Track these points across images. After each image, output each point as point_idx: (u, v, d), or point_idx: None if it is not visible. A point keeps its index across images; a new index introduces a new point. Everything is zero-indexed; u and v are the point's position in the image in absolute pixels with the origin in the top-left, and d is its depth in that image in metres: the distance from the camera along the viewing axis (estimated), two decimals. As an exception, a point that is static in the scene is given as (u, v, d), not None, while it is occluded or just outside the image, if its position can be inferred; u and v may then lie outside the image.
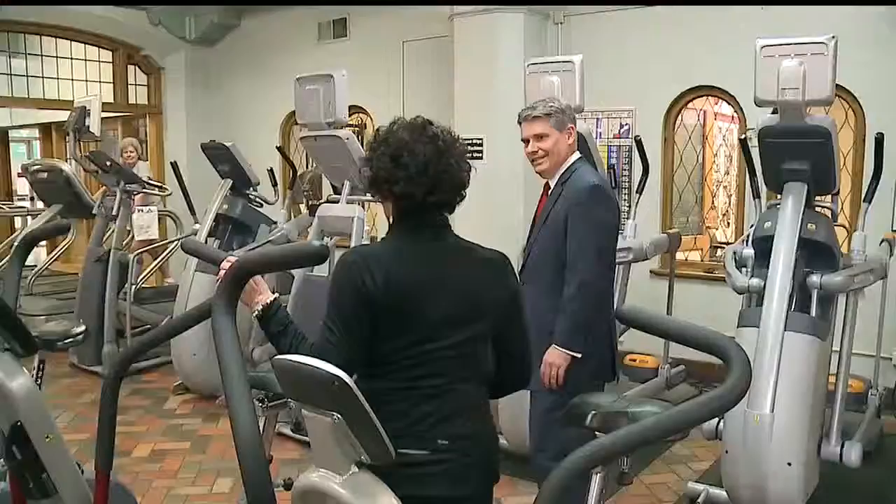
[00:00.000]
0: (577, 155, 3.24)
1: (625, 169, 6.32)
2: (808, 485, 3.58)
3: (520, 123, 3.21)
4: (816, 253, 3.81)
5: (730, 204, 6.87)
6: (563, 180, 3.18)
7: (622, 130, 6.33)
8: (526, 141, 3.18)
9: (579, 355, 2.99)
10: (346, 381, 1.30)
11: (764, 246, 3.81)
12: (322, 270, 5.03)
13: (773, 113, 3.83)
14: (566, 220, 3.05)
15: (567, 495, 1.49)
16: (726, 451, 3.68)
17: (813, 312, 3.69)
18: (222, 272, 1.96)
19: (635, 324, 1.74)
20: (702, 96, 6.23)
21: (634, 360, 5.74)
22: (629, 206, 5.98)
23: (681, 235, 5.56)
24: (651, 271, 6.11)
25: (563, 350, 3.01)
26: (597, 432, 2.29)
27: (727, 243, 6.45)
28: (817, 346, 3.60)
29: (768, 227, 3.81)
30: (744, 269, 3.96)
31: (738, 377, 1.48)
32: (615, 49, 6.18)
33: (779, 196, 3.93)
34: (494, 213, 6.02)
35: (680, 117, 6.29)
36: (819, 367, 3.62)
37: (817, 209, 3.93)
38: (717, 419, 3.75)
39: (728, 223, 7.20)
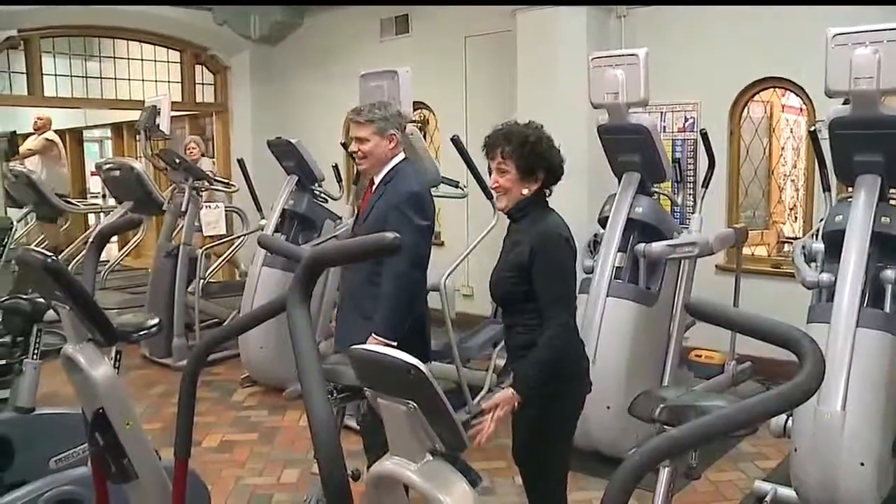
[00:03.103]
0: (400, 157, 3.52)
1: (690, 163, 6.24)
2: (881, 486, 3.50)
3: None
4: (890, 247, 3.71)
5: (797, 198, 6.73)
6: (386, 180, 3.47)
7: (687, 124, 6.25)
8: (352, 140, 3.48)
9: (395, 343, 3.16)
10: (422, 369, 1.33)
11: (835, 240, 3.73)
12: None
13: (844, 103, 3.75)
14: (384, 218, 3.34)
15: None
16: (795, 450, 3.62)
17: (887, 308, 3.59)
18: None
19: (704, 316, 1.72)
20: (769, 88, 6.11)
21: (700, 356, 5.66)
22: (694, 201, 5.92)
23: (747, 230, 5.46)
24: (717, 266, 6.02)
25: (381, 338, 3.25)
26: (665, 426, 2.30)
27: (795, 238, 6.32)
28: (891, 342, 3.51)
29: (839, 221, 3.73)
30: (813, 264, 3.88)
31: (810, 371, 1.46)
32: (679, 42, 6.10)
33: (850, 189, 3.84)
34: (556, 207, 5.97)
35: (746, 110, 6.18)
36: (893, 364, 3.53)
37: (892, 202, 3.82)
38: (785, 416, 3.69)
39: (796, 218, 7.05)
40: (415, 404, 1.38)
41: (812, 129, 4.40)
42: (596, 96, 4.51)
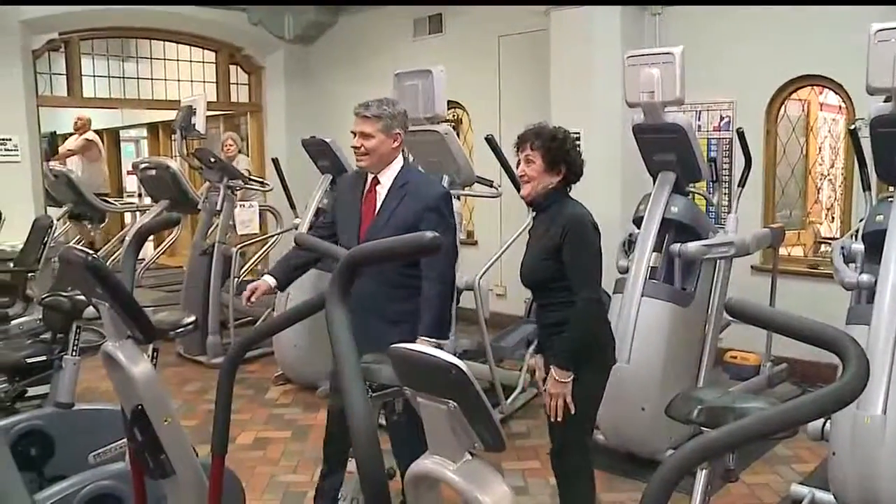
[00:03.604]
0: (401, 159, 3.47)
1: (725, 162, 6.17)
2: (924, 491, 3.44)
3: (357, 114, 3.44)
4: (934, 247, 3.64)
5: (835, 198, 6.63)
6: (401, 182, 3.39)
7: (722, 123, 6.19)
8: (353, 134, 3.39)
9: (447, 342, 3.39)
10: (463, 368, 1.33)
11: (875, 240, 3.68)
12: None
13: (885, 101, 3.69)
14: (416, 219, 3.26)
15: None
16: (833, 454, 3.56)
17: (929, 310, 3.53)
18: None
19: (743, 316, 1.70)
20: (806, 86, 6.02)
21: (735, 358, 5.60)
22: (730, 200, 5.86)
23: (784, 230, 5.39)
24: (752, 267, 5.96)
25: (433, 340, 3.25)
26: (702, 428, 2.28)
27: (832, 238, 6.23)
28: (934, 345, 3.44)
29: (880, 221, 3.67)
30: (853, 265, 3.83)
31: (854, 374, 1.44)
32: (714, 39, 6.03)
33: (891, 188, 3.78)
34: (590, 206, 5.92)
35: (783, 108, 6.10)
36: (936, 368, 3.46)
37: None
38: (822, 420, 3.64)
39: (833, 218, 6.95)
40: (455, 404, 1.38)
41: (852, 127, 4.34)
42: (631, 95, 4.47)
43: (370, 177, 3.46)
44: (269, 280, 3.47)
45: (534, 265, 3.10)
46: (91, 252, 2.31)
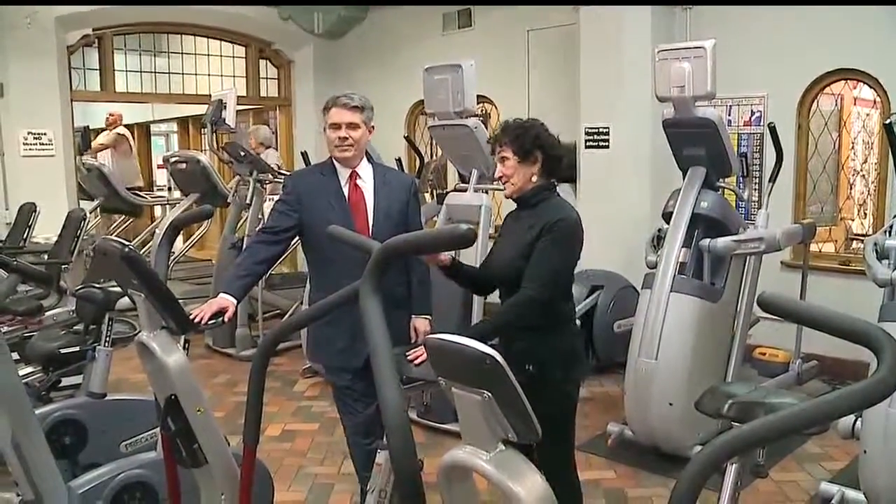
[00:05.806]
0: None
1: (756, 157, 6.12)
2: (958, 491, 3.40)
3: (328, 108, 3.36)
4: (968, 244, 3.60)
5: (868, 193, 6.55)
6: (382, 174, 3.48)
7: (753, 118, 6.13)
8: (336, 126, 3.32)
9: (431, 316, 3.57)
10: (498, 359, 1.34)
11: (909, 236, 3.64)
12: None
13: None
14: (405, 207, 3.43)
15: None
16: (864, 452, 3.52)
17: (964, 307, 3.49)
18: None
19: (776, 311, 1.69)
20: (840, 80, 5.95)
21: (764, 354, 5.56)
22: (760, 196, 5.81)
23: (815, 226, 5.34)
24: (782, 262, 5.90)
25: (429, 316, 3.52)
26: (733, 422, 2.27)
27: (864, 235, 6.16)
28: (968, 342, 3.39)
29: (915, 217, 3.63)
30: (886, 261, 3.78)
31: (888, 370, 1.42)
32: (745, 33, 5.97)
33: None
34: (619, 202, 5.94)
35: (816, 103, 6.03)
36: (970, 366, 3.41)
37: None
38: (853, 417, 3.60)
39: (865, 214, 6.87)
40: (489, 394, 1.39)
41: (888, 121, 4.28)
42: (662, 89, 4.44)
43: (343, 171, 3.40)
44: (229, 298, 3.10)
45: (511, 263, 2.87)
46: (127, 243, 2.35)
